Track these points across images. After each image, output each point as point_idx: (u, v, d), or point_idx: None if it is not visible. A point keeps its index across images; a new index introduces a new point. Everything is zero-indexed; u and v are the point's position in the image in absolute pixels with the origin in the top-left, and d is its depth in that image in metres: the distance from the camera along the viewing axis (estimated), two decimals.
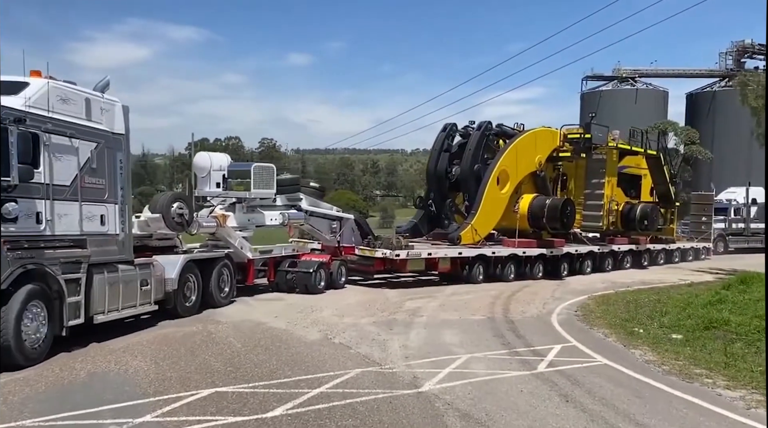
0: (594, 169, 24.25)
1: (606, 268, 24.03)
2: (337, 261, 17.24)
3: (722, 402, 7.44)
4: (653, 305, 14.77)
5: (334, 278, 16.92)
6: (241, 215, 15.27)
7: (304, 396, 7.21)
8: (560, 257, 21.79)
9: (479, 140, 21.34)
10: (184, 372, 8.30)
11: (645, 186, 27.33)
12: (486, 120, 21.98)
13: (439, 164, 22.03)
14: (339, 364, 8.86)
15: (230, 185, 14.91)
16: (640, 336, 11.42)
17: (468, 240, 19.76)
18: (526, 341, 10.81)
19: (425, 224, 22.22)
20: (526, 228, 21.43)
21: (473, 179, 20.92)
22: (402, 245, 17.77)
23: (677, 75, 71.93)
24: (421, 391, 7.56)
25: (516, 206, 21.36)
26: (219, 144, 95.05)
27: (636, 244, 25.73)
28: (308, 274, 15.95)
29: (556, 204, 21.43)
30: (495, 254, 19.82)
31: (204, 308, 12.98)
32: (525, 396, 7.44)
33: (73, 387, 7.63)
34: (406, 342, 10.44)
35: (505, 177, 21.19)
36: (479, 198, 20.43)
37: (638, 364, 9.28)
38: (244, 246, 15.02)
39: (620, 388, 7.88)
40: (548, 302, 15.80)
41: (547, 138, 22.94)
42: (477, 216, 20.21)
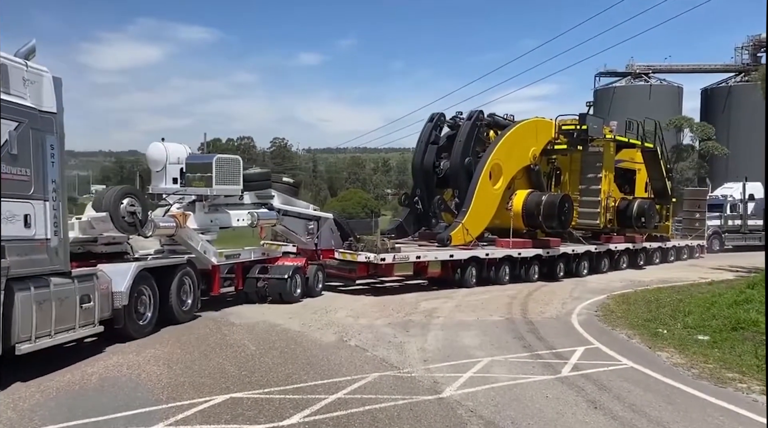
0: (590, 163, 22.71)
1: (602, 269, 22.58)
2: (313, 266, 15.32)
3: (760, 409, 7.09)
4: (675, 305, 14.40)
5: (310, 284, 15.00)
6: (203, 216, 13.18)
7: (321, 403, 6.97)
8: (556, 257, 20.38)
9: (470, 130, 19.68)
10: (198, 376, 8.08)
11: (639, 181, 25.76)
12: (477, 109, 20.50)
13: (426, 157, 20.41)
14: (356, 368, 8.60)
15: (189, 180, 12.83)
16: (665, 337, 11.09)
17: (459, 241, 18.21)
18: (547, 343, 10.50)
19: (411, 223, 20.56)
20: (521, 227, 20.03)
21: (464, 173, 19.32)
22: (388, 247, 16.05)
23: (692, 70, 71.11)
24: (442, 397, 7.29)
25: (509, 203, 19.90)
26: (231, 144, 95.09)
27: (632, 242, 24.34)
28: (282, 281, 14.04)
29: (554, 201, 19.93)
30: (489, 256, 18.32)
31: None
32: (551, 403, 7.15)
33: (84, 392, 7.43)
34: (424, 345, 10.17)
35: (498, 171, 19.66)
36: (471, 194, 18.87)
37: (666, 367, 8.95)
38: (208, 250, 12.94)
39: (649, 393, 7.56)
40: (567, 302, 15.47)
41: (541, 129, 21.36)
42: (468, 214, 18.62)
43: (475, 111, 20.25)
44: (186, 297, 11.86)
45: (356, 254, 15.99)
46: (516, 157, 20.21)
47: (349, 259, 16.20)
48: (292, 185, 16.87)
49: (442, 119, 20.94)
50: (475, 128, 19.79)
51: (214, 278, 13.25)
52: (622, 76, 70.85)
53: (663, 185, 26.24)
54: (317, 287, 15.43)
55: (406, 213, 20.70)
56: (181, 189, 13.03)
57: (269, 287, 14.09)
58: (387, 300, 15.22)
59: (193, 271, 12.15)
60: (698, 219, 30.91)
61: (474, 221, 18.74)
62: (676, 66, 71.16)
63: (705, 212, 31.23)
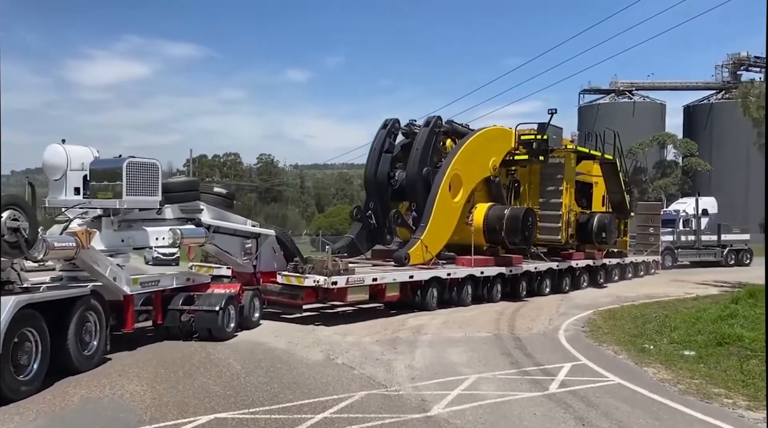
0: (550, 175, 21.40)
1: (564, 288, 21.18)
2: (249, 291, 13.10)
3: (745, 424, 7.12)
4: (661, 320, 14.45)
5: (245, 314, 12.75)
6: (112, 234, 10.73)
7: (307, 422, 6.89)
8: (519, 276, 19.08)
9: (428, 137, 18.10)
10: (182, 396, 7.96)
11: (597, 195, 24.50)
12: (435, 115, 18.84)
13: (380, 167, 18.57)
14: (343, 387, 8.53)
15: (94, 190, 10.54)
16: (651, 353, 11.11)
17: (418, 260, 16.66)
18: (534, 359, 10.48)
19: (364, 239, 18.62)
20: (481, 243, 18.46)
21: (422, 184, 17.73)
22: (340, 268, 13.91)
23: (674, 88, 72.28)
24: (430, 415, 7.24)
25: (469, 218, 18.54)
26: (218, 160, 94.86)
27: (592, 259, 23.07)
28: (212, 313, 11.57)
29: (516, 215, 18.57)
30: (451, 276, 16.83)
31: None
32: (539, 420, 7.12)
33: (64, 414, 7.29)
34: (412, 362, 10.11)
35: (458, 183, 18.17)
36: (429, 208, 17.31)
37: (652, 383, 8.96)
38: (119, 277, 10.33)
39: (637, 409, 7.55)
40: (554, 318, 15.48)
41: (501, 138, 20.09)
42: (428, 230, 17.05)
43: (432, 117, 18.69)
44: (90, 338, 9.36)
45: (303, 277, 13.72)
46: (476, 167, 18.93)
47: (294, 283, 13.85)
48: (226, 197, 14.04)
49: (396, 126, 19.27)
50: (434, 135, 18.36)
51: (127, 312, 10.60)
52: (606, 93, 71.84)
53: (621, 199, 25.21)
54: (253, 316, 13.16)
55: (358, 228, 18.72)
56: (84, 201, 10.68)
57: (196, 322, 11.61)
58: (373, 317, 15.12)
59: (100, 304, 9.62)
60: (652, 234, 30.20)
61: (433, 237, 17.27)
62: (659, 83, 72.30)
63: (659, 227, 30.59)
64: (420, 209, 17.69)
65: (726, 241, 34.63)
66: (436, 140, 18.47)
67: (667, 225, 32.92)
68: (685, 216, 34.93)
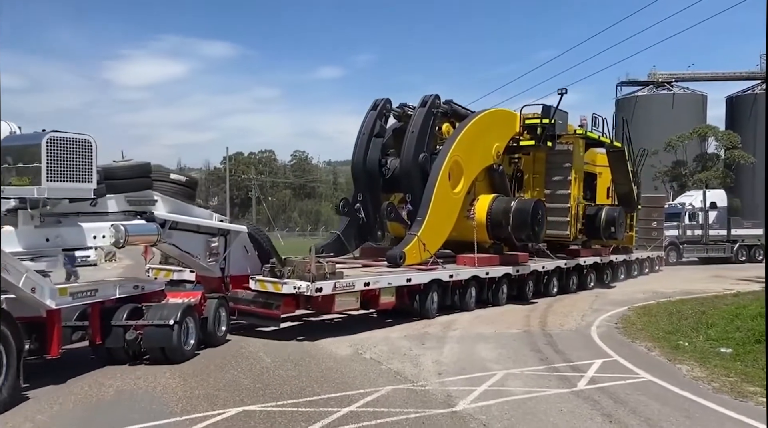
0: (556, 163, 19.50)
1: (571, 287, 19.52)
2: (213, 300, 10.83)
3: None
4: (698, 317, 14.15)
5: (209, 328, 10.58)
6: (31, 231, 8.59)
7: (332, 416, 6.96)
8: (526, 276, 17.34)
9: (425, 119, 15.94)
10: (213, 389, 8.13)
11: (601, 186, 22.32)
12: (433, 93, 16.48)
13: (370, 154, 16.34)
14: (369, 381, 8.59)
15: (4, 174, 8.31)
16: (686, 349, 10.90)
17: (415, 260, 14.62)
18: (564, 356, 10.39)
19: (352, 237, 16.49)
20: (484, 240, 16.68)
21: (418, 173, 15.63)
22: (326, 272, 11.54)
23: (716, 78, 70.22)
24: (456, 410, 7.24)
25: (471, 211, 16.64)
26: (253, 157, 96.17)
27: (599, 256, 21.43)
28: (165, 329, 9.33)
29: (525, 207, 16.60)
30: (453, 278, 14.84)
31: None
32: (565, 416, 7.05)
33: (100, 405, 7.52)
34: (440, 358, 10.12)
35: (459, 172, 16.17)
36: (427, 200, 15.24)
37: (685, 381, 8.79)
38: (39, 287, 7.93)
39: (667, 407, 7.42)
40: (587, 314, 15.28)
41: (505, 122, 18.08)
42: (425, 225, 14.94)
43: (429, 96, 16.36)
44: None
45: (280, 282, 11.33)
46: (478, 154, 16.85)
47: (270, 290, 11.44)
48: (186, 185, 11.34)
49: (388, 107, 16.91)
50: (431, 117, 16.15)
51: (52, 331, 8.20)
52: (644, 85, 70.21)
53: (629, 190, 22.88)
54: (219, 329, 10.94)
55: (345, 224, 16.53)
56: None
57: (145, 340, 9.35)
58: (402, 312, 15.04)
59: (8, 327, 7.29)
60: (655, 228, 28.32)
61: (432, 233, 15.21)
62: (700, 74, 70.35)
63: (662, 221, 28.88)
64: (416, 201, 15.52)
65: (736, 236, 33.09)
66: (433, 122, 16.29)
67: (671, 219, 31.37)
68: (692, 209, 33.34)
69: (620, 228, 21.08)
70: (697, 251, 32.80)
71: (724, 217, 33.54)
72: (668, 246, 30.86)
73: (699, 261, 32.38)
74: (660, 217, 28.71)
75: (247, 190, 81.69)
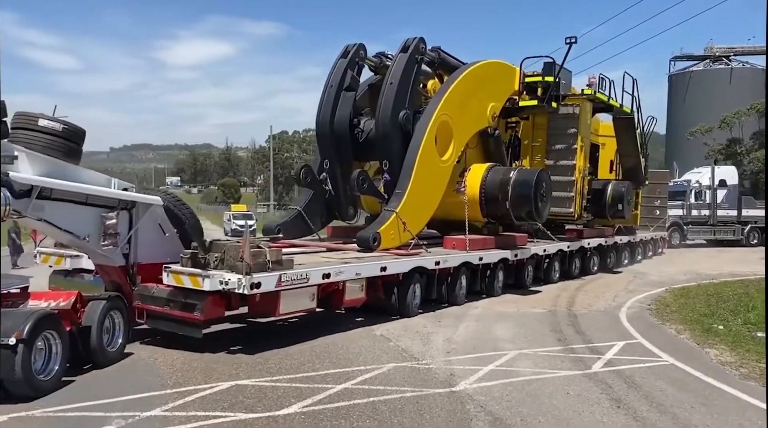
0: (560, 129, 16.94)
1: (573, 272, 17.39)
2: (99, 303, 7.75)
3: None
4: (739, 300, 13.38)
5: (93, 343, 7.53)
6: None
7: (325, 392, 6.72)
8: (525, 261, 14.88)
9: (407, 67, 12.95)
10: (212, 362, 8.00)
11: (604, 159, 19.85)
12: (417, 36, 13.42)
13: (340, 111, 13.38)
14: (374, 358, 8.32)
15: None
16: (719, 333, 10.22)
17: (393, 242, 11.93)
18: (585, 337, 9.88)
19: (317, 212, 13.64)
20: (477, 218, 14.14)
21: (397, 134, 12.76)
22: (266, 260, 8.51)
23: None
24: (455, 390, 6.90)
25: (461, 184, 13.97)
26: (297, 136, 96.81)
27: (603, 237, 19.03)
28: (5, 350, 6.29)
29: (527, 179, 13.90)
30: (440, 265, 12.01)
31: None
32: (570, 400, 6.62)
33: (97, 376, 7.45)
34: (453, 336, 9.75)
35: (447, 135, 13.44)
36: (408, 168, 12.53)
37: (711, 365, 8.20)
38: None
39: (684, 393, 6.90)
40: (620, 294, 14.64)
41: (502, 78, 15.40)
42: (406, 199, 12.22)
43: (413, 39, 13.34)
44: None
45: (201, 276, 8.32)
46: (471, 114, 14.18)
47: (187, 285, 8.41)
48: (63, 136, 8.17)
49: (361, 55, 13.77)
50: (414, 65, 13.24)
51: None
52: (700, 59, 67.19)
53: (636, 164, 20.37)
54: (112, 343, 7.95)
55: (308, 198, 13.70)
56: None
57: None
58: None
59: None
60: (658, 207, 26.11)
61: (414, 209, 12.51)
62: (761, 48, 66.64)
63: (666, 199, 26.80)
64: (395, 169, 12.74)
65: (748, 217, 30.58)
66: (417, 71, 13.45)
67: (675, 197, 29.31)
68: (698, 187, 30.94)
69: (628, 206, 19.00)
70: (704, 232, 30.65)
71: (734, 196, 30.94)
72: (671, 227, 28.88)
73: (707, 244, 30.45)
74: (663, 195, 26.65)
75: (290, 169, 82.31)
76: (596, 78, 17.55)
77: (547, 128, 17.17)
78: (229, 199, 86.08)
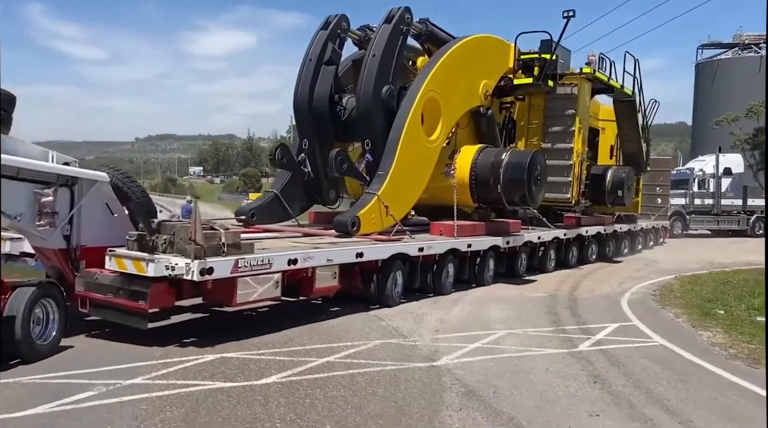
0: (557, 110, 16.17)
1: (570, 261, 16.61)
2: (30, 289, 6.95)
3: None
4: (748, 286, 13.17)
5: (17, 336, 6.69)
6: None
7: (306, 365, 6.84)
8: (518, 249, 14.22)
9: (391, 38, 12.09)
10: (203, 335, 8.13)
11: (603, 144, 19.08)
12: (402, 5, 12.48)
13: (319, 86, 12.46)
14: (363, 335, 8.41)
15: None
16: (718, 317, 10.13)
17: (374, 227, 11.28)
18: (580, 319, 9.86)
19: (296, 196, 12.75)
20: (467, 203, 13.36)
21: (380, 111, 11.92)
22: (221, 243, 7.77)
23: None
24: (435, 365, 6.97)
25: (451, 166, 13.17)
26: None
27: (601, 225, 18.31)
28: None
29: (521, 161, 13.03)
30: (424, 252, 11.24)
31: None
32: (548, 375, 6.64)
33: (94, 345, 7.58)
34: (446, 317, 9.79)
35: (435, 113, 12.64)
36: (392, 148, 11.72)
37: (701, 347, 8.15)
38: None
39: (667, 371, 6.88)
40: (626, 281, 14.50)
41: (496, 54, 14.46)
42: (388, 181, 11.47)
43: (398, 8, 12.45)
44: None
45: (144, 260, 7.53)
46: (461, 92, 13.34)
47: (131, 271, 7.64)
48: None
49: (344, 27, 12.85)
50: (399, 36, 12.34)
51: None
52: (729, 47, 65.61)
53: (638, 149, 19.50)
54: (45, 336, 7.14)
55: (285, 180, 12.74)
56: None
57: None
58: None
59: None
60: (659, 195, 25.09)
61: (398, 192, 11.76)
62: None
63: (668, 187, 25.89)
64: (377, 149, 11.89)
65: (754, 207, 29.77)
66: (402, 43, 12.53)
67: (678, 186, 28.56)
68: (702, 176, 30.08)
69: (628, 192, 18.08)
70: (707, 222, 29.83)
71: (739, 185, 30.14)
72: (673, 216, 28.14)
73: (712, 234, 29.71)
74: (666, 183, 25.73)
75: None
76: (596, 56, 16.74)
77: (543, 110, 16.47)
78: (250, 188, 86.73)
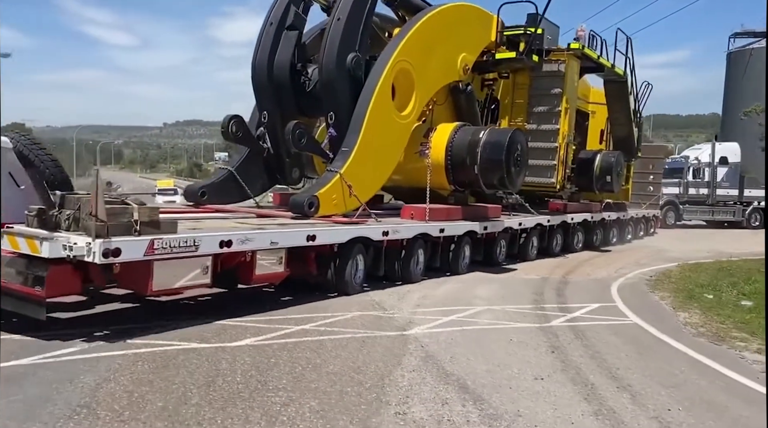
0: (543, 89, 15.23)
1: (554, 249, 15.91)
2: None
3: (740, 365, 6.45)
4: (746, 274, 13.15)
5: None
6: None
7: (281, 331, 7.20)
8: (497, 235, 13.25)
9: (358, 1, 10.99)
10: (207, 306, 8.48)
11: (593, 129, 18.27)
12: None
13: (280, 53, 11.38)
14: (344, 307, 8.71)
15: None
16: (703, 300, 10.23)
17: (336, 208, 10.31)
18: (563, 299, 10.06)
19: (257, 175, 11.79)
20: (442, 186, 12.41)
21: (345, 81, 10.82)
22: (131, 219, 6.61)
23: None
24: (405, 334, 7.28)
25: (426, 145, 12.10)
26: None
27: (589, 212, 17.40)
28: None
29: (499, 140, 12.04)
30: (390, 237, 10.16)
31: None
32: (510, 345, 6.90)
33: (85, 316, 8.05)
34: (431, 293, 10.07)
35: (407, 86, 11.61)
36: (358, 122, 10.66)
37: (673, 326, 8.30)
38: None
39: (627, 345, 7.08)
40: (626, 266, 14.57)
41: (475, 24, 13.37)
42: (353, 158, 10.43)
43: None
44: None
45: (39, 239, 6.37)
46: (438, 64, 12.30)
47: (25, 252, 6.46)
48: None
49: None
50: (368, 0, 11.23)
51: None
52: (762, 36, 63.92)
53: (629, 133, 18.63)
54: None
55: (243, 156, 11.74)
56: None
57: None
58: None
59: None
60: (651, 183, 24.69)
61: (363, 170, 10.68)
62: None
63: (660, 176, 25.44)
64: (342, 124, 10.81)
65: (750, 197, 29.02)
66: (371, 8, 11.41)
67: (672, 175, 28.02)
68: (696, 165, 29.28)
69: (617, 178, 17.39)
70: (701, 212, 29.26)
71: (736, 175, 29.30)
72: (666, 205, 27.74)
73: (708, 225, 29.17)
74: (658, 171, 25.35)
75: None
76: (585, 32, 15.82)
77: (528, 89, 15.59)
78: None
